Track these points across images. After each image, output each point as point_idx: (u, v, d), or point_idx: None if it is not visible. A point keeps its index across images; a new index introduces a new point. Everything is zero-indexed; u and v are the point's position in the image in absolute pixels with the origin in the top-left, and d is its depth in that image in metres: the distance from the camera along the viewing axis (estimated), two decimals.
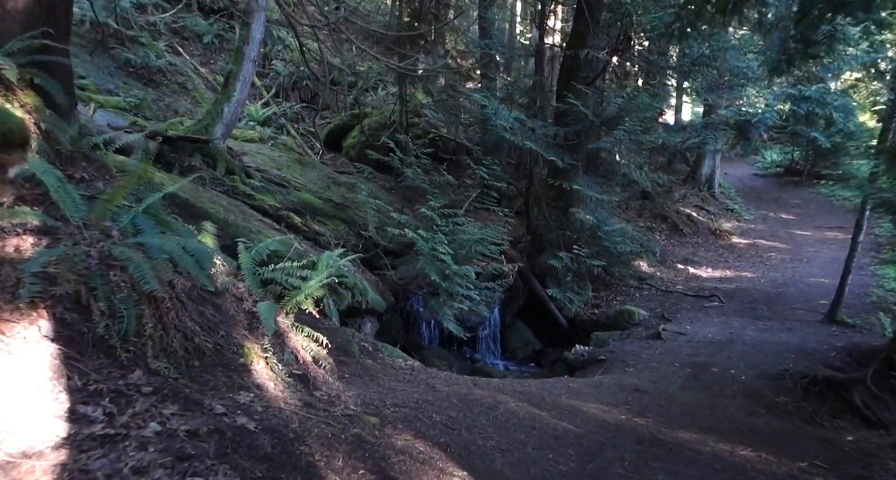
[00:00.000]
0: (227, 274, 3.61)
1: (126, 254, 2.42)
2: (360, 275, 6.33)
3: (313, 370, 3.45)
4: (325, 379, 3.53)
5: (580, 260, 7.96)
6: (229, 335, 3.06)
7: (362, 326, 6.16)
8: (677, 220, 14.40)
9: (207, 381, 2.57)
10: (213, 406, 2.35)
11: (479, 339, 7.88)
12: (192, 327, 2.75)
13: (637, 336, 7.75)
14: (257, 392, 2.76)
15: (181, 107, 12.06)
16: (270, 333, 3.16)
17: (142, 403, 2.08)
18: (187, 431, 2.05)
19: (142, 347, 2.38)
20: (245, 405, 2.54)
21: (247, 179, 7.44)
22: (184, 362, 2.55)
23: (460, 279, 6.39)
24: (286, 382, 3.07)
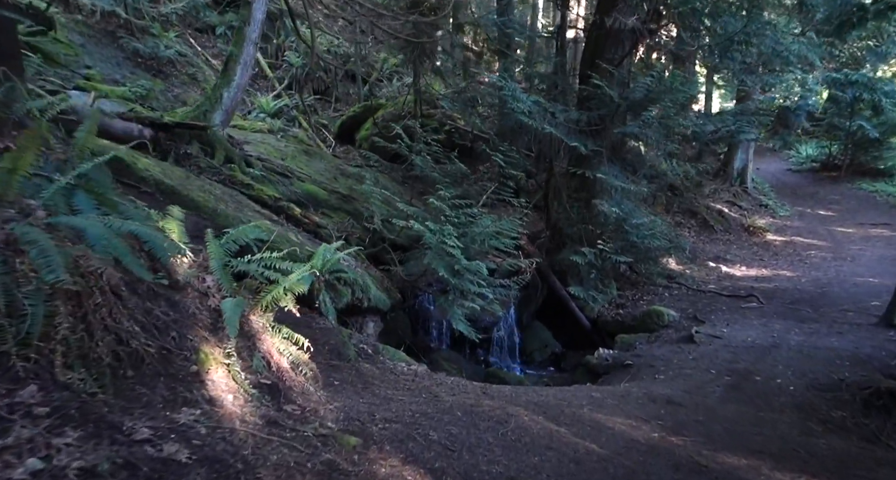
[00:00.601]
0: (195, 266, 3.12)
1: (30, 236, 1.92)
2: (363, 271, 5.82)
3: (289, 378, 2.93)
4: (304, 389, 3.01)
5: (604, 257, 7.32)
6: (183, 337, 2.55)
7: (364, 326, 5.64)
8: (707, 216, 13.60)
9: (140, 396, 2.07)
10: (136, 429, 1.84)
11: (493, 341, 7.31)
12: (129, 328, 2.25)
13: (667, 339, 7.09)
14: (207, 407, 2.25)
15: (190, 98, 11.71)
16: (234, 335, 2.65)
17: (26, 430, 1.58)
18: (81, 469, 1.54)
19: (49, 354, 1.88)
20: (184, 426, 2.03)
21: (247, 169, 6.99)
22: (110, 372, 2.05)
23: (471, 275, 5.82)
24: (249, 394, 2.56)
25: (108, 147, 5.02)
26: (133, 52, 11.43)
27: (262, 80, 14.37)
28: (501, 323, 7.32)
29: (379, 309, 5.70)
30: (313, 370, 3.26)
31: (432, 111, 13.83)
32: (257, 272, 3.25)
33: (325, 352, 4.24)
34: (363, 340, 4.99)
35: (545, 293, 8.36)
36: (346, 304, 5.23)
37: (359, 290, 5.36)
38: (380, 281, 6.21)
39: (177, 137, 6.77)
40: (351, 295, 5.27)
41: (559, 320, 8.24)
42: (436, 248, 5.73)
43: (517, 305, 7.77)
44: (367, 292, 5.48)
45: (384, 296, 5.83)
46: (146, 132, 6.55)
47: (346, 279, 5.19)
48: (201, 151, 6.85)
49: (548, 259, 8.60)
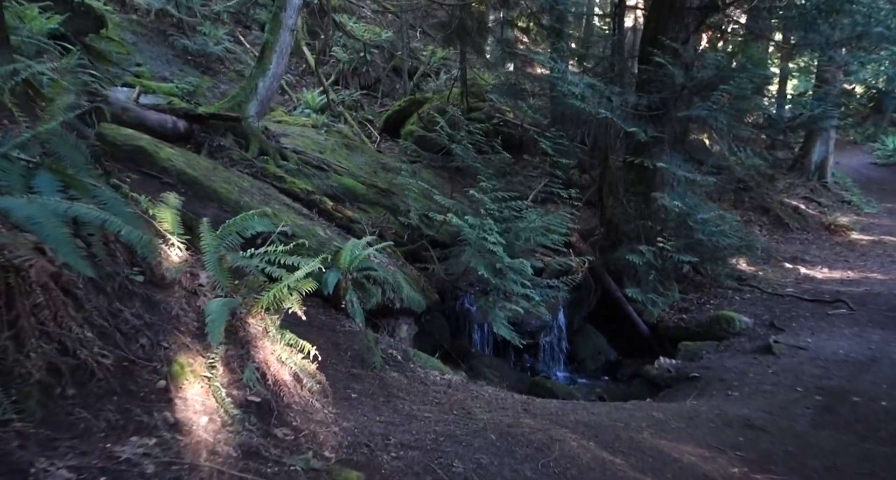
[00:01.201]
0: (188, 261, 2.72)
1: None
2: (396, 269, 5.35)
3: (288, 393, 2.48)
4: (306, 407, 2.54)
5: (665, 256, 6.54)
6: (156, 345, 2.13)
7: (396, 329, 5.17)
8: (782, 213, 12.35)
9: (76, 423, 1.64)
10: (50, 473, 1.41)
11: (540, 347, 6.69)
12: (79, 335, 1.84)
13: (739, 348, 6.24)
14: (167, 435, 1.81)
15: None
16: (217, 342, 2.22)
17: None
18: None
19: None
20: (125, 463, 1.59)
21: (281, 161, 6.68)
22: (40, 392, 1.64)
23: (515, 274, 5.24)
24: (230, 416, 2.11)
25: (130, 136, 4.78)
26: (182, 49, 11.49)
27: (310, 77, 14.24)
28: (549, 327, 6.68)
29: (413, 311, 5.22)
30: (322, 382, 2.79)
31: (480, 104, 13.27)
32: (257, 268, 2.82)
33: (347, 359, 3.79)
34: (393, 345, 4.51)
35: (599, 295, 7.64)
36: (375, 305, 4.77)
37: (390, 290, 4.89)
38: (416, 280, 5.73)
39: (211, 129, 6.54)
40: (381, 295, 4.81)
41: (614, 325, 7.51)
42: (475, 245, 5.19)
43: (567, 308, 7.11)
44: (399, 292, 5.00)
45: (419, 297, 5.34)
46: (180, 124, 6.35)
47: (376, 277, 4.73)
48: (235, 143, 6.59)
49: (602, 258, 7.87)
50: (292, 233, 4.57)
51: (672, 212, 6.86)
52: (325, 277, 4.39)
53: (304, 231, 4.66)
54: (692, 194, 6.68)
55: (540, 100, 12.60)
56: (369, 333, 4.22)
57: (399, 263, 5.92)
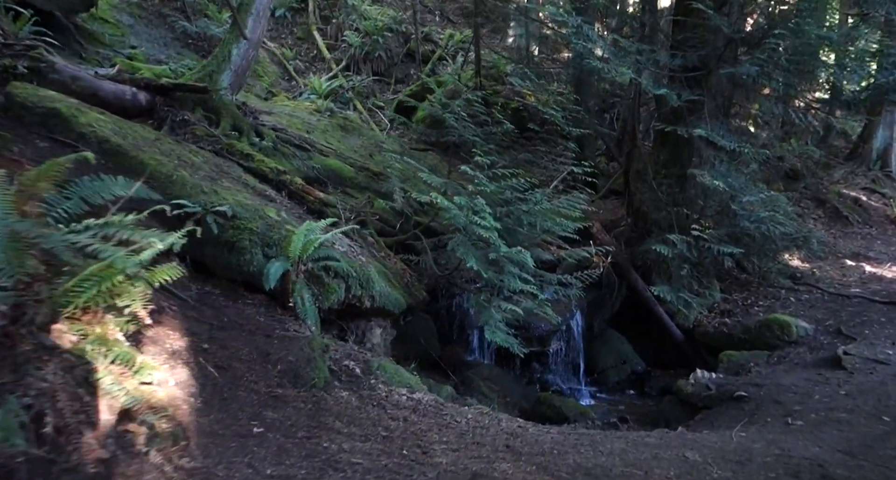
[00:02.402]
0: None
1: None
2: (370, 260, 4.40)
3: (86, 446, 1.56)
4: (124, 464, 1.61)
5: (702, 247, 5.38)
6: None
7: (366, 333, 4.21)
8: (839, 205, 10.89)
9: None
10: None
11: (551, 354, 5.63)
12: None
13: (797, 360, 5.05)
14: None
15: None
16: None
17: None
18: None
19: None
20: None
21: (256, 139, 5.83)
22: None
23: (513, 267, 4.22)
24: None
25: (46, 98, 3.98)
26: (182, 32, 10.85)
27: (320, 63, 13.50)
28: (562, 331, 5.62)
29: (389, 311, 4.26)
30: (177, 419, 1.85)
31: (498, 87, 12.25)
32: (82, 247, 1.90)
33: (274, 375, 2.85)
34: (353, 354, 3.55)
35: (624, 295, 6.53)
36: (337, 303, 3.83)
37: (356, 285, 3.95)
38: (398, 274, 4.77)
39: (178, 103, 5.73)
40: (345, 291, 3.86)
41: (642, 329, 6.38)
42: (464, 229, 4.20)
43: (586, 309, 6.03)
44: (369, 288, 4.05)
45: (397, 295, 4.38)
46: (141, 96, 5.54)
47: (337, 270, 3.79)
48: (205, 119, 5.77)
49: (628, 252, 6.75)
50: (232, 213, 3.69)
51: (712, 196, 5.70)
52: (268, 268, 3.49)
53: (249, 212, 3.76)
54: (738, 174, 5.50)
55: (564, 85, 11.50)
56: (317, 339, 3.28)
57: (381, 254, 4.98)
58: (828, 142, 13.54)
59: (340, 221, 4.83)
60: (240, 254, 3.55)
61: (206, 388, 2.35)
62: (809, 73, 4.77)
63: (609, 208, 9.02)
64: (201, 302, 3.25)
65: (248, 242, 3.58)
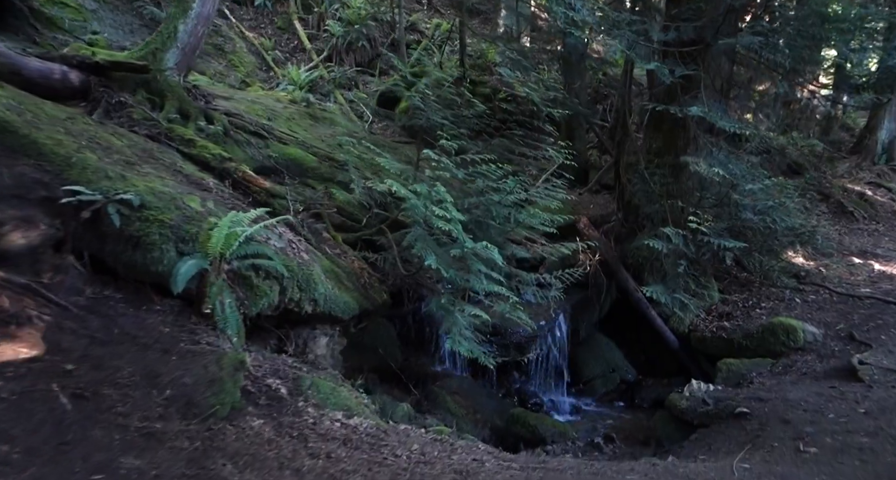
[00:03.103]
0: None
1: None
2: (315, 258, 3.83)
3: None
4: None
5: (699, 241, 4.81)
6: None
7: (309, 343, 3.63)
8: (844, 200, 10.33)
9: None
10: None
11: (531, 363, 5.06)
12: None
13: (805, 370, 4.49)
14: None
15: (210, 69, 10.41)
16: None
17: None
18: None
19: None
20: None
21: (203, 124, 5.25)
22: None
23: (481, 264, 3.65)
24: None
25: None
26: (150, 18, 10.27)
27: (301, 53, 12.94)
28: (543, 337, 5.06)
29: (337, 317, 3.68)
30: None
31: (485, 78, 11.69)
32: None
33: (158, 402, 2.27)
34: (280, 370, 2.98)
35: (614, 296, 5.97)
36: (270, 309, 3.26)
37: (294, 288, 3.37)
38: (354, 274, 4.20)
39: (117, 83, 5.17)
40: (279, 294, 3.29)
41: (633, 334, 5.81)
42: (424, 222, 3.63)
43: (570, 312, 5.46)
44: (310, 290, 3.48)
45: (348, 298, 3.80)
46: (73, 76, 4.96)
47: (269, 269, 3.22)
48: (147, 101, 5.21)
49: (618, 249, 6.18)
50: (141, 202, 3.11)
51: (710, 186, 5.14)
52: (178, 267, 2.92)
53: (163, 201, 3.18)
54: (738, 161, 4.94)
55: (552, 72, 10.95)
56: (229, 354, 2.70)
57: (335, 252, 4.41)
58: (831, 134, 13.01)
59: (262, 211, 4.26)
60: (147, 251, 2.97)
61: (41, 429, 1.79)
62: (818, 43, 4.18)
63: (600, 203, 8.46)
64: (90, 310, 2.68)
65: (157, 237, 3.00)
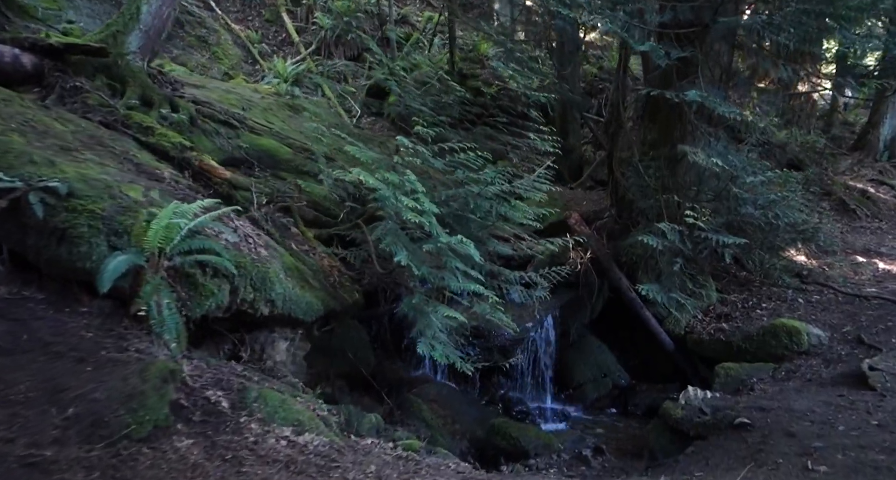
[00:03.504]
0: None
1: None
2: (275, 254, 3.48)
3: None
4: None
5: (696, 237, 4.48)
6: None
7: (266, 348, 3.28)
8: (846, 197, 10.02)
9: None
10: None
11: (517, 367, 4.73)
12: None
13: (810, 375, 4.16)
14: None
15: (191, 61, 10.07)
16: None
17: None
18: None
19: None
20: None
21: (170, 113, 4.91)
22: None
23: (457, 261, 3.32)
24: None
25: None
26: None
27: (289, 47, 12.60)
28: (530, 340, 4.72)
29: (298, 319, 3.34)
30: None
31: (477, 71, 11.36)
32: None
33: (53, 425, 1.93)
34: (224, 380, 2.63)
35: (606, 295, 5.63)
36: (218, 310, 2.92)
37: (247, 287, 3.03)
38: (323, 273, 3.86)
39: (74, 68, 4.82)
40: (229, 294, 2.95)
41: (626, 336, 5.48)
42: (391, 214, 3.29)
43: (560, 313, 5.13)
44: (267, 290, 3.14)
45: (312, 298, 3.46)
46: (26, 59, 4.62)
47: (218, 266, 2.88)
48: (107, 87, 4.87)
49: (612, 246, 5.85)
50: (69, 191, 2.77)
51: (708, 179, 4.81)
52: (106, 263, 2.58)
53: (95, 190, 2.84)
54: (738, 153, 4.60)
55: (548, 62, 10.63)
56: (158, 363, 2.36)
57: (304, 248, 4.07)
58: (832, 131, 12.71)
59: (213, 201, 3.93)
60: (74, 245, 2.63)
61: None
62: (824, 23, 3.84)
63: (594, 199, 8.13)
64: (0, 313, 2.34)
65: (86, 229, 2.66)
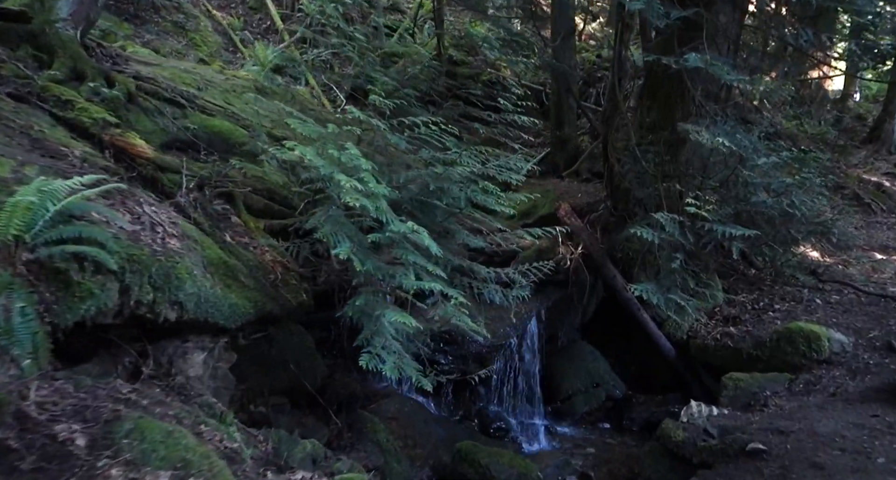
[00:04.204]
0: None
1: None
2: (193, 245, 2.89)
3: None
4: None
5: (699, 229, 3.85)
6: None
7: (176, 361, 2.68)
8: (860, 191, 9.37)
9: None
10: None
11: (495, 377, 4.11)
12: None
13: (833, 388, 3.54)
14: None
15: (165, 47, 9.48)
16: None
17: None
18: None
19: None
20: None
21: (103, 88, 4.31)
22: None
23: (412, 254, 2.71)
24: None
25: None
26: None
27: (274, 35, 12.04)
28: (510, 345, 4.11)
29: (217, 325, 2.74)
30: None
31: (468, 58, 10.77)
32: None
33: None
34: (87, 409, 2.03)
35: (600, 296, 5.02)
36: (105, 313, 2.33)
37: (144, 286, 2.43)
38: (261, 269, 3.26)
39: None
40: (118, 294, 2.36)
41: (622, 341, 4.87)
42: (335, 196, 2.68)
43: (547, 315, 4.51)
44: (170, 290, 2.53)
45: (237, 298, 2.86)
46: None
47: (99, 260, 2.28)
48: (33, 58, 4.29)
49: (606, 240, 5.24)
50: None
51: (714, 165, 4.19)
52: None
53: None
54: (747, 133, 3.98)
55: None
56: None
57: (243, 240, 3.47)
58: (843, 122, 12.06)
59: (92, 178, 3.34)
60: None
61: None
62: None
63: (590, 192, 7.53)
64: None
65: None
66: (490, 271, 3.50)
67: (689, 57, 3.21)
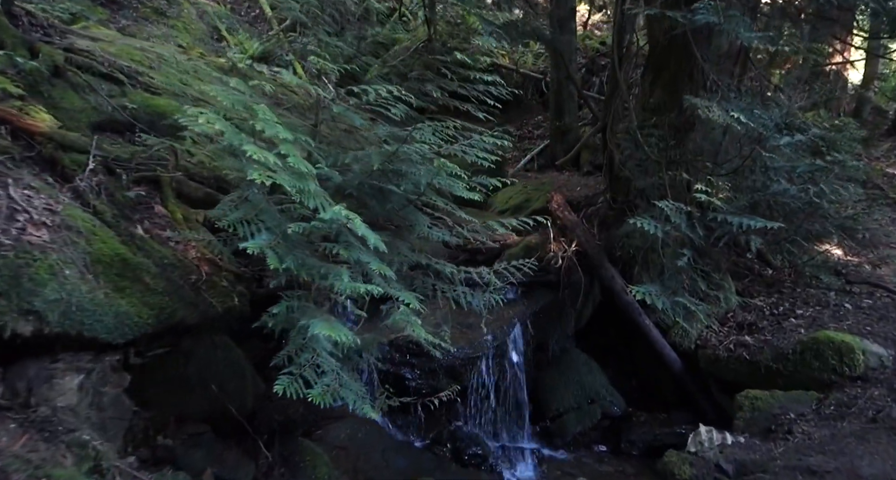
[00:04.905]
0: None
1: None
2: (77, 238, 2.32)
3: None
4: None
5: (710, 221, 3.23)
6: None
7: (37, 389, 2.10)
8: (884, 185, 8.68)
9: None
10: None
11: (471, 394, 3.51)
12: None
13: (873, 410, 2.91)
14: None
15: (142, 33, 8.95)
16: None
17: None
18: None
19: None
20: None
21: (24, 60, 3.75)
22: None
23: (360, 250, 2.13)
24: None
25: None
26: None
27: (262, 24, 11.52)
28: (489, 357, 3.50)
29: (99, 341, 2.17)
30: None
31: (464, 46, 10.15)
32: None
33: None
34: None
35: (597, 299, 4.41)
36: None
37: None
38: (180, 268, 2.69)
39: None
40: None
41: (622, 351, 4.26)
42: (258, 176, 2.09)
43: (534, 321, 3.90)
44: (21, 295, 1.96)
45: (129, 306, 2.28)
46: None
47: None
48: None
49: (604, 236, 4.63)
50: None
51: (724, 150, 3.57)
52: None
53: None
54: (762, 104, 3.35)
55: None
56: None
57: (164, 233, 2.90)
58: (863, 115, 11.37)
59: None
60: None
61: None
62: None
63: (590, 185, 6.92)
64: None
65: None
66: (458, 270, 2.91)
67: (699, 7, 2.60)
